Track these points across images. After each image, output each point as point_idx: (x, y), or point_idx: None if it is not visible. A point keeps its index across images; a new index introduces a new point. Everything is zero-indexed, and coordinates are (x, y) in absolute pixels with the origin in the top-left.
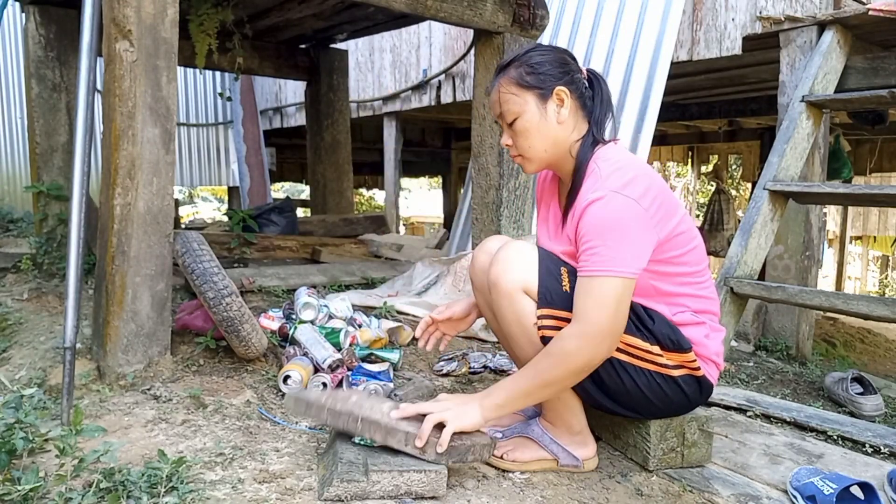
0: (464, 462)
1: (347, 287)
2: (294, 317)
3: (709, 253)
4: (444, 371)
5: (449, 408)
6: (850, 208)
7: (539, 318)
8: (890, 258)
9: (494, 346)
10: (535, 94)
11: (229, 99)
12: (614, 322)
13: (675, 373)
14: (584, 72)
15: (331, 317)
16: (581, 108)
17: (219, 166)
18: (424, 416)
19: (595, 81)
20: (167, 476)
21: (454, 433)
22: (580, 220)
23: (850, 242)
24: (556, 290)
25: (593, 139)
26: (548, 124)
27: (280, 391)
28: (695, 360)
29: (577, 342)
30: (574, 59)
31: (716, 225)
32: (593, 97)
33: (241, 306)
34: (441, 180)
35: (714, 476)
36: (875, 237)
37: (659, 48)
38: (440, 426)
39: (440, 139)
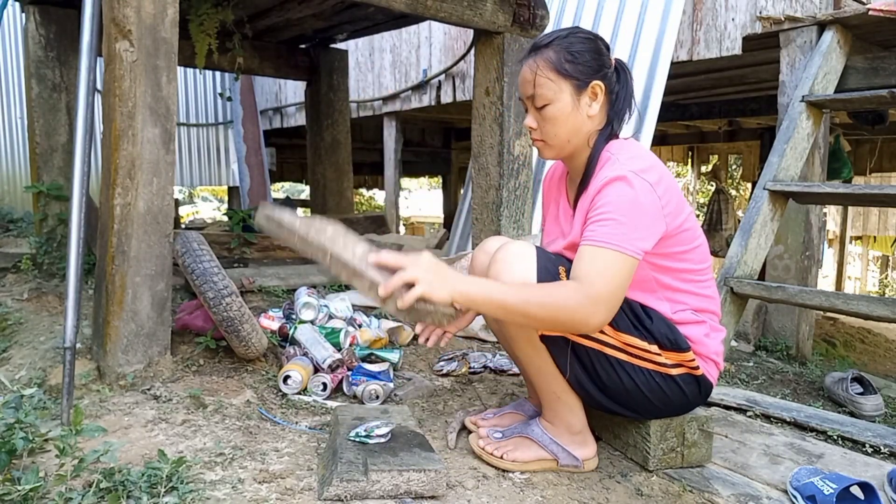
0: (420, 321)
1: (347, 287)
2: (294, 317)
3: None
4: (444, 371)
5: (426, 271)
6: (850, 208)
7: None
8: (890, 258)
9: (494, 346)
10: (571, 84)
11: (229, 99)
12: (613, 292)
13: (674, 371)
14: (613, 62)
15: (331, 317)
16: (609, 103)
17: (219, 166)
18: (397, 269)
19: (622, 73)
20: (167, 476)
21: (421, 299)
22: (597, 194)
23: (850, 242)
24: None
25: (609, 134)
26: (578, 116)
27: (280, 391)
28: (694, 360)
29: (578, 298)
30: (608, 48)
31: (714, 225)
32: (618, 91)
33: (241, 306)
34: (441, 180)
35: (714, 476)
36: (875, 237)
37: (659, 48)
38: (409, 285)
39: (440, 139)
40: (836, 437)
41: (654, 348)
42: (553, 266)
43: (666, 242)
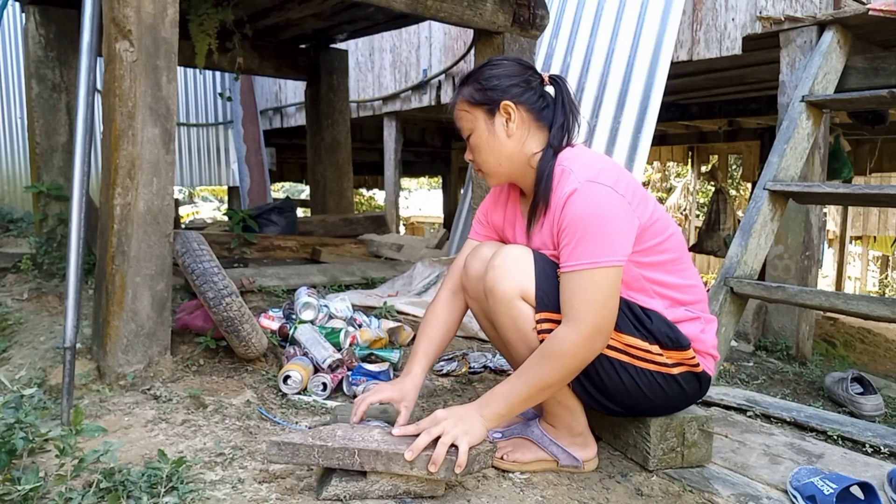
0: (471, 473)
1: (347, 287)
2: (294, 317)
3: (706, 253)
4: (444, 371)
5: (453, 424)
6: (850, 208)
7: (538, 321)
8: (890, 258)
9: (494, 346)
10: (483, 111)
11: (229, 99)
12: (605, 315)
13: (675, 370)
14: (546, 78)
15: (331, 317)
16: (536, 119)
17: (219, 166)
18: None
19: (557, 88)
20: (167, 476)
21: (450, 446)
22: (560, 215)
23: (850, 242)
24: (553, 293)
25: (554, 149)
26: (496, 139)
27: (280, 391)
28: (693, 357)
29: (571, 342)
30: (531, 67)
31: (713, 225)
32: (554, 105)
33: (241, 306)
34: (441, 180)
35: (714, 476)
36: (875, 237)
37: (659, 48)
38: (450, 444)
39: (440, 139)
40: (836, 437)
41: (656, 348)
42: (551, 269)
43: (642, 237)
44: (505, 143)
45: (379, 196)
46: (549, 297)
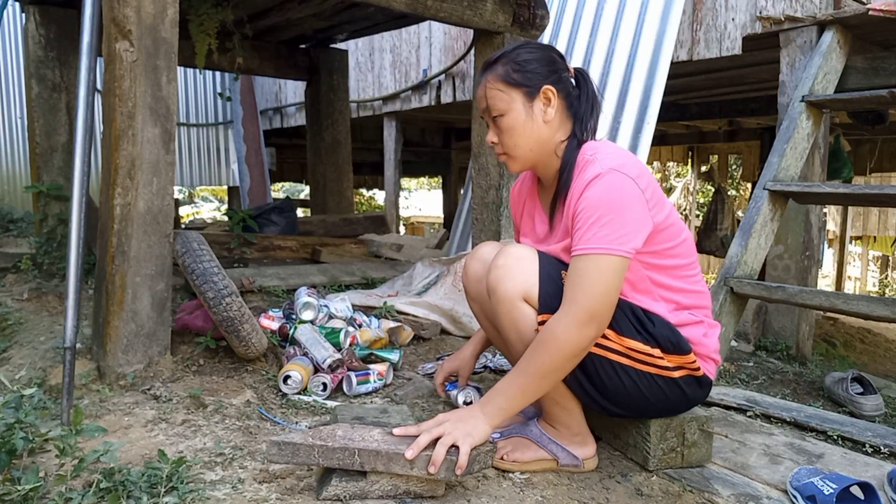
0: (471, 473)
1: (347, 287)
2: (294, 317)
3: (704, 252)
4: None
5: (454, 425)
6: (850, 208)
7: (541, 323)
8: (890, 258)
9: (493, 346)
10: (522, 93)
11: (229, 99)
12: (602, 303)
13: (676, 374)
14: (572, 70)
15: (331, 317)
16: (567, 108)
17: (219, 166)
18: (418, 435)
19: (582, 80)
20: (167, 476)
21: (451, 447)
22: (580, 197)
23: (850, 242)
24: (557, 294)
25: (578, 140)
26: (534, 123)
27: (280, 391)
28: (695, 361)
29: (562, 325)
30: (562, 57)
31: (711, 225)
32: (579, 96)
33: (241, 306)
34: (441, 180)
35: (714, 476)
36: (875, 237)
37: (659, 48)
38: (452, 446)
39: (440, 139)
40: (836, 437)
41: (657, 352)
42: (555, 271)
43: (655, 238)
44: (541, 128)
45: (379, 196)
46: (553, 299)
